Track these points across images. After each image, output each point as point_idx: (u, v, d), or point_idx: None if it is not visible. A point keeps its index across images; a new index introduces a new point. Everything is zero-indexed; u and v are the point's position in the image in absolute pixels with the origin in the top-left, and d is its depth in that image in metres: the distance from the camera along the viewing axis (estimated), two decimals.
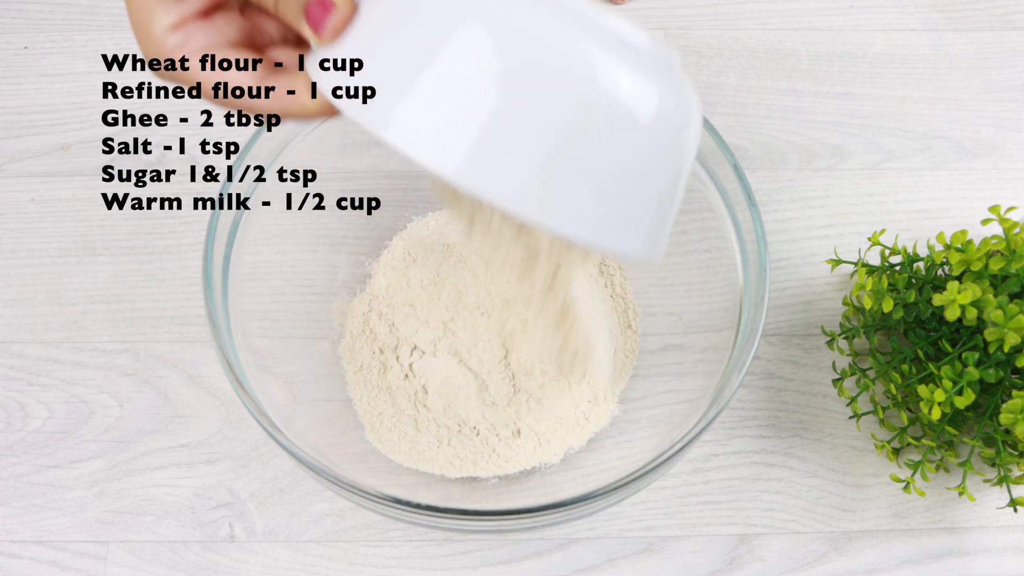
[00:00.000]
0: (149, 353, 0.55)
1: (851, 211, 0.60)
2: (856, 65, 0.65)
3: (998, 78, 0.65)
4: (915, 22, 0.67)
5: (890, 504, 0.52)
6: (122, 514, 0.51)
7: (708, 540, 0.51)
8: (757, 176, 0.61)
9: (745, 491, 0.52)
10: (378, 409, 0.52)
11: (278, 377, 0.49)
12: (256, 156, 0.48)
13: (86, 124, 0.62)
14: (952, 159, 0.62)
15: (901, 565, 0.51)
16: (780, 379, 0.55)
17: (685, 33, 0.66)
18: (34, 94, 0.63)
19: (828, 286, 0.58)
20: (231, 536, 0.51)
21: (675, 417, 0.49)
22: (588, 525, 0.51)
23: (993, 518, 0.52)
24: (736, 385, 0.43)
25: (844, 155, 0.62)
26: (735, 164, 0.46)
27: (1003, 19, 0.67)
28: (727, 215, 0.48)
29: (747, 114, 0.63)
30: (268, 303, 0.52)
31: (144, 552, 0.50)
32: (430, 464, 0.50)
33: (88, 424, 0.53)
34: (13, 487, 0.52)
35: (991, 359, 0.46)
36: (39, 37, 0.64)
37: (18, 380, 0.54)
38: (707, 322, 0.51)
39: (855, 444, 0.54)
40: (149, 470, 0.52)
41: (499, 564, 0.50)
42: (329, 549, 0.51)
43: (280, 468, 0.52)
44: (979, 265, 0.47)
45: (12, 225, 0.59)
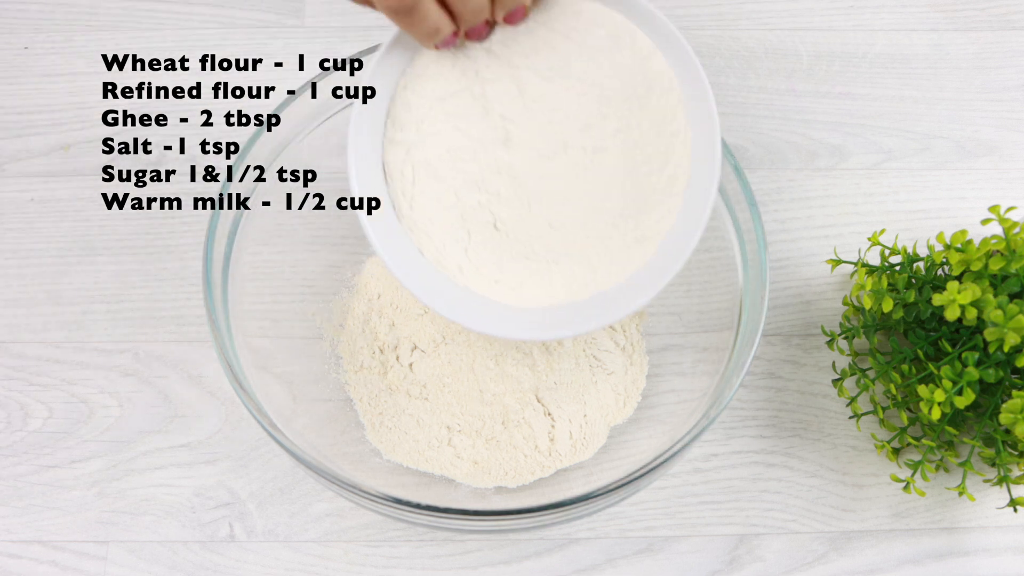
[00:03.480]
0: (149, 353, 0.55)
1: (851, 211, 0.60)
2: (856, 65, 0.65)
3: (998, 78, 0.65)
4: (915, 22, 0.67)
5: (890, 504, 0.52)
6: (122, 514, 0.51)
7: (708, 540, 0.51)
8: (757, 176, 0.61)
9: (745, 491, 0.52)
10: (378, 409, 0.52)
11: (278, 377, 0.49)
12: (256, 156, 0.48)
13: (86, 124, 0.62)
14: (952, 159, 0.62)
15: (901, 565, 0.51)
16: (780, 379, 0.55)
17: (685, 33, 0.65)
18: (34, 94, 0.63)
19: (828, 286, 0.58)
20: (231, 536, 0.51)
21: (675, 417, 0.50)
22: (588, 525, 0.51)
23: (993, 518, 0.52)
24: (736, 385, 0.43)
25: (844, 155, 0.62)
26: (735, 164, 0.46)
27: (1003, 19, 0.67)
28: (727, 215, 0.48)
29: (747, 114, 0.63)
30: (268, 303, 0.52)
31: (144, 552, 0.50)
32: (430, 464, 0.50)
33: (88, 424, 0.53)
34: (13, 487, 0.52)
35: (991, 359, 0.46)
36: (39, 37, 0.64)
37: (18, 380, 0.54)
38: (707, 322, 0.51)
39: (855, 444, 0.54)
40: (149, 470, 0.52)
41: (499, 564, 0.51)
42: (329, 549, 0.51)
43: (280, 468, 0.52)
44: (979, 265, 0.47)
45: (12, 225, 0.59)
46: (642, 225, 0.43)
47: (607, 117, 0.42)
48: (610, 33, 0.41)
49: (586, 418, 0.51)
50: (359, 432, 0.52)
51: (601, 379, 0.52)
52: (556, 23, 0.41)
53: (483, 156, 0.43)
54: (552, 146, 0.43)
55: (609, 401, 0.52)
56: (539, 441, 0.50)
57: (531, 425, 0.50)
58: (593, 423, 0.51)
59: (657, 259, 0.43)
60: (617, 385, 0.52)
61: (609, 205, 0.43)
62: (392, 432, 0.51)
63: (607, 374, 0.52)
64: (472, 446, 0.50)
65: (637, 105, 0.42)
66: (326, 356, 0.53)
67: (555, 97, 0.42)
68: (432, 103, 0.43)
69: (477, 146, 0.43)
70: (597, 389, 0.52)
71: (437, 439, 0.51)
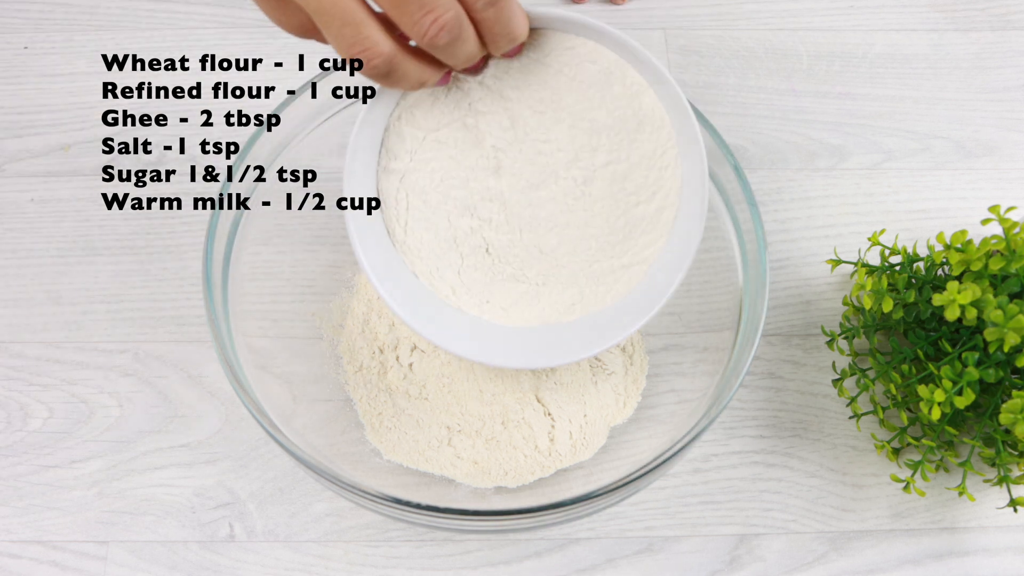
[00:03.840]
0: (149, 353, 0.55)
1: (851, 211, 0.60)
2: (856, 65, 0.65)
3: (998, 78, 0.65)
4: (915, 22, 0.67)
5: (890, 504, 0.52)
6: (122, 514, 0.51)
7: (708, 540, 0.51)
8: (757, 176, 0.61)
9: (745, 491, 0.52)
10: (378, 409, 0.52)
11: (278, 377, 0.49)
12: (256, 156, 0.48)
13: (86, 124, 0.62)
14: (952, 159, 0.62)
15: (901, 565, 0.51)
16: (780, 379, 0.55)
17: (685, 33, 0.66)
18: (34, 94, 0.63)
19: (828, 286, 0.58)
20: (231, 536, 0.51)
21: (675, 417, 0.49)
22: (588, 525, 0.51)
23: (993, 518, 0.52)
24: (736, 385, 0.43)
25: (844, 155, 0.62)
26: (735, 164, 0.46)
27: (1003, 19, 0.67)
28: (727, 215, 0.48)
29: (747, 114, 0.63)
30: (268, 303, 0.52)
31: (144, 552, 0.50)
32: (430, 464, 0.50)
33: (88, 424, 0.53)
34: (13, 487, 0.52)
35: (991, 359, 0.46)
36: (39, 37, 0.64)
37: (18, 380, 0.54)
38: (707, 322, 0.51)
39: (855, 444, 0.54)
40: (149, 470, 0.52)
41: (499, 564, 0.51)
42: (329, 549, 0.51)
43: (280, 468, 0.52)
44: (979, 265, 0.47)
45: (12, 225, 0.59)
46: (630, 252, 0.45)
47: (597, 150, 0.43)
48: (602, 69, 0.42)
49: (586, 418, 0.51)
50: (359, 432, 0.52)
51: (601, 379, 0.52)
52: (549, 58, 0.42)
53: (474, 184, 0.45)
54: (542, 176, 0.44)
55: (609, 401, 0.52)
56: (539, 441, 0.50)
57: (531, 425, 0.50)
58: (593, 423, 0.51)
59: (645, 285, 0.45)
60: (617, 385, 0.52)
61: (597, 233, 0.45)
62: (392, 432, 0.51)
63: (607, 374, 0.52)
64: (472, 446, 0.50)
65: (627, 139, 0.43)
66: (326, 356, 0.53)
67: (546, 129, 0.43)
68: (425, 133, 0.44)
69: (468, 174, 0.44)
70: (597, 389, 0.52)
71: (437, 439, 0.51)
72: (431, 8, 0.33)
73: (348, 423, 0.52)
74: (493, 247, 0.46)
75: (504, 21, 0.36)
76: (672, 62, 0.64)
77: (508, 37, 0.37)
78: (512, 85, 0.42)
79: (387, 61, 0.35)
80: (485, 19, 0.36)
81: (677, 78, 0.64)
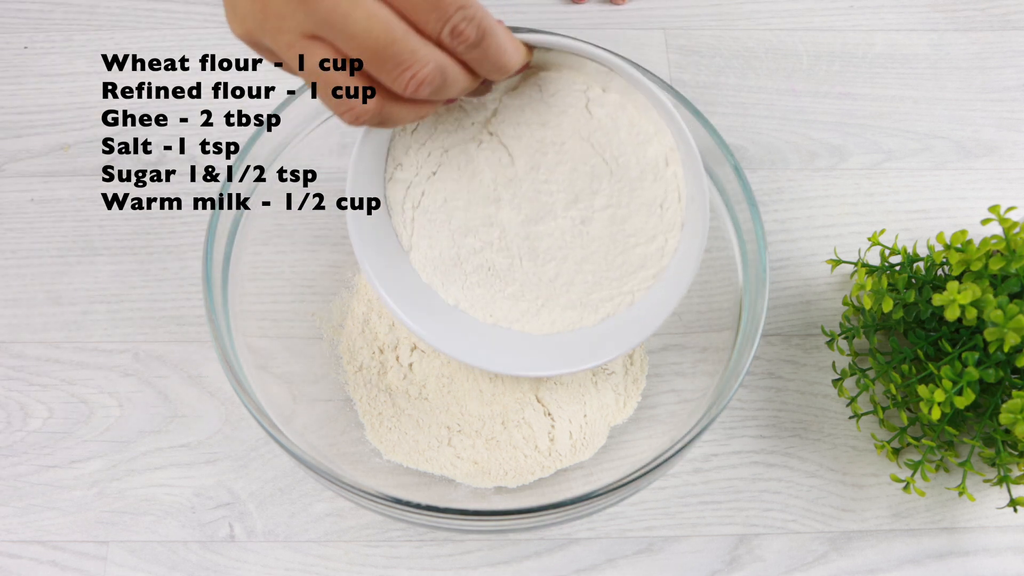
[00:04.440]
0: (149, 353, 0.55)
1: (851, 211, 0.60)
2: (856, 65, 0.65)
3: (998, 78, 0.65)
4: (915, 22, 0.67)
5: (890, 504, 0.52)
6: (122, 514, 0.51)
7: (708, 540, 0.51)
8: (757, 176, 0.61)
9: (745, 491, 0.52)
10: (378, 409, 0.52)
11: (278, 377, 0.49)
12: (256, 156, 0.48)
13: (86, 124, 0.62)
14: (952, 159, 0.62)
15: (901, 565, 0.51)
16: (780, 379, 0.55)
17: (685, 33, 0.66)
18: (34, 94, 0.63)
19: (828, 286, 0.58)
20: (231, 536, 0.51)
21: (675, 417, 0.50)
22: (588, 525, 0.51)
23: (993, 518, 0.52)
24: (736, 385, 0.43)
25: (844, 155, 0.62)
26: (735, 164, 0.46)
27: (1003, 19, 0.67)
28: (727, 215, 0.48)
29: (747, 114, 0.63)
30: (268, 303, 0.52)
31: (144, 552, 0.50)
32: (430, 464, 0.50)
33: (88, 424, 0.53)
34: (13, 487, 0.52)
35: (991, 359, 0.46)
36: (39, 37, 0.64)
37: (18, 380, 0.54)
38: (707, 322, 0.51)
39: (855, 444, 0.54)
40: (149, 470, 0.52)
41: (499, 564, 0.51)
42: (329, 549, 0.51)
43: (280, 468, 0.52)
44: (979, 265, 0.47)
45: (12, 225, 0.59)
46: (627, 284, 0.46)
47: (597, 193, 0.44)
48: (609, 115, 0.42)
49: (586, 418, 0.51)
50: (359, 432, 0.52)
51: (601, 379, 0.52)
52: (555, 98, 0.42)
53: (476, 208, 0.45)
54: (540, 213, 0.45)
55: (609, 401, 0.52)
56: (539, 441, 0.50)
57: (531, 425, 0.50)
58: (593, 423, 0.51)
59: (642, 308, 0.46)
60: (617, 385, 0.52)
61: (595, 268, 0.46)
62: (392, 432, 0.51)
63: (607, 374, 0.52)
64: (472, 446, 0.50)
65: (628, 187, 0.43)
66: (326, 356, 0.53)
67: (547, 170, 0.43)
68: (430, 150, 0.44)
69: (471, 198, 0.45)
70: (597, 389, 0.52)
71: (437, 439, 0.51)
72: (408, 65, 0.33)
73: (348, 423, 0.52)
74: (495, 268, 0.47)
75: (492, 59, 0.35)
76: (672, 62, 0.64)
77: (500, 71, 0.37)
78: (513, 122, 0.42)
79: (375, 115, 0.35)
80: (471, 60, 0.35)
81: (677, 78, 0.64)
